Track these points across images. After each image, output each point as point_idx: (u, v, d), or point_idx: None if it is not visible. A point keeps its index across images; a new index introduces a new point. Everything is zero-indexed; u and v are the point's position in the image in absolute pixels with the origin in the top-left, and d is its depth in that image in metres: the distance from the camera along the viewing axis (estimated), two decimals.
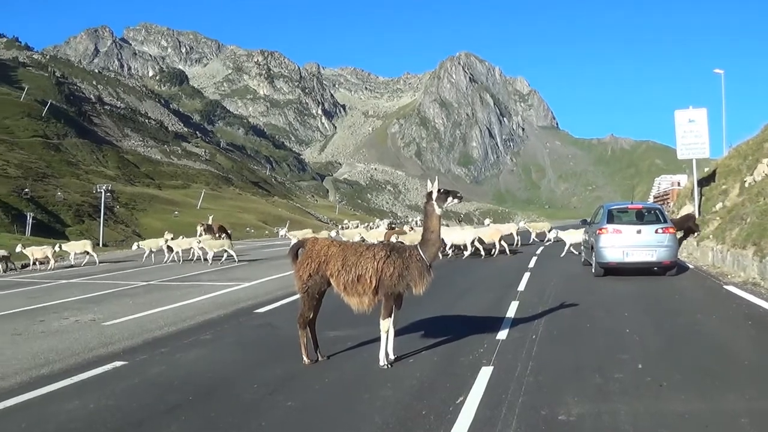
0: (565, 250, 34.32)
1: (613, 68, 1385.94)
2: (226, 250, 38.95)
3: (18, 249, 42.36)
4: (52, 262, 41.06)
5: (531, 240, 46.89)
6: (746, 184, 32.94)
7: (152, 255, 42.71)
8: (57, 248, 42.67)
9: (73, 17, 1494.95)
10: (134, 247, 45.60)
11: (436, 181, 10.69)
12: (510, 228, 43.79)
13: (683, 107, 38.97)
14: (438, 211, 10.47)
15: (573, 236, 35.07)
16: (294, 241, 42.97)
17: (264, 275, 27.88)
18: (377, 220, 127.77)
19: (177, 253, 40.84)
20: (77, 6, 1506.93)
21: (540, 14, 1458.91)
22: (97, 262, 42.61)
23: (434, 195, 10.48)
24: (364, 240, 41.37)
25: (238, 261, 38.10)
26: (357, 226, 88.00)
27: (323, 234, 42.76)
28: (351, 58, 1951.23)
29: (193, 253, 40.11)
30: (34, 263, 41.48)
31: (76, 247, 43.89)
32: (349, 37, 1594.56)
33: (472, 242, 34.71)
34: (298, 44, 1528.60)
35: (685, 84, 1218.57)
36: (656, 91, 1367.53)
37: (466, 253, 34.10)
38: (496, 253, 34.50)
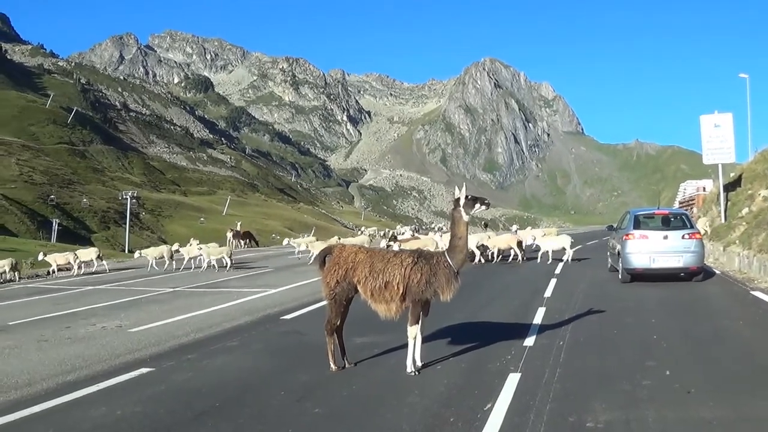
0: (539, 256, 34.02)
1: (638, 73, 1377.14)
2: (223, 258, 39.06)
3: (40, 257, 42.47)
4: (75, 268, 41.14)
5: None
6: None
7: (154, 263, 42.41)
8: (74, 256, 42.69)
9: (98, 25, 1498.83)
10: (136, 255, 45.24)
11: (464, 188, 10.68)
12: (536, 234, 42.88)
13: (709, 112, 38.88)
14: (465, 217, 10.44)
15: (551, 242, 34.79)
16: (297, 248, 43.11)
17: (290, 282, 27.81)
18: (398, 226, 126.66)
19: (190, 260, 40.88)
20: (102, 13, 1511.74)
21: (564, 19, 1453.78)
22: (106, 270, 42.47)
23: (462, 201, 10.47)
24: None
25: (265, 269, 38.11)
26: (374, 234, 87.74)
27: (332, 241, 42.68)
28: (376, 65, 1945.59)
29: (200, 260, 40.05)
30: (59, 269, 41.56)
31: (84, 255, 43.63)
32: (373, 43, 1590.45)
33: (478, 247, 34.71)
34: (323, 51, 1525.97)
35: (711, 88, 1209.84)
36: (682, 96, 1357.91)
37: (486, 260, 34.03)
38: (520, 260, 34.22)
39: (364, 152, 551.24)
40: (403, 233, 63.98)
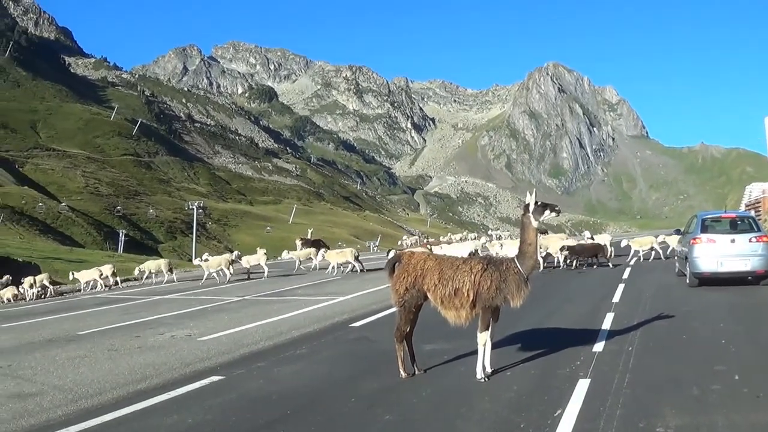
0: None
1: (702, 75, 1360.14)
2: (222, 269, 40.06)
3: (71, 277, 42.86)
4: (100, 283, 41.47)
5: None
6: None
7: (153, 276, 43.52)
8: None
9: (161, 37, 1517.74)
10: (136, 272, 45.40)
11: (534, 194, 10.71)
12: (604, 239, 41.12)
13: None
14: (535, 223, 10.46)
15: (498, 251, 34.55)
16: (298, 262, 43.36)
17: (358, 289, 27.85)
18: (449, 234, 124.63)
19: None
20: (164, 26, 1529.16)
21: (627, 23, 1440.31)
22: (111, 286, 42.63)
23: (531, 207, 10.49)
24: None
25: (333, 276, 37.92)
26: (412, 244, 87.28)
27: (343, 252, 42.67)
28: (439, 71, 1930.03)
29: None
30: (93, 286, 42.04)
31: (105, 270, 43.63)
32: (436, 50, 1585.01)
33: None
34: (386, 59, 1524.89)
35: None
36: (746, 98, 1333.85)
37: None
38: (563, 264, 34.10)
39: (429, 159, 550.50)
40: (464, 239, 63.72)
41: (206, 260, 42.17)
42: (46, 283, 40.73)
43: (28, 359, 15.30)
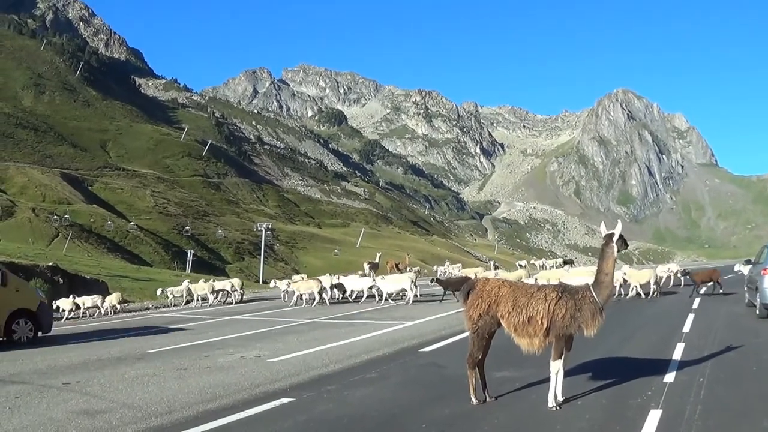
0: (382, 298, 35.08)
1: None
2: (206, 294, 43.68)
3: (73, 302, 41.60)
4: (104, 309, 41.60)
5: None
6: None
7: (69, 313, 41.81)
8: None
9: (231, 60, 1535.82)
10: (89, 303, 42.85)
11: (619, 224, 10.72)
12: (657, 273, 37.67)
13: None
14: (616, 254, 10.40)
15: (388, 284, 35.64)
16: (285, 290, 43.02)
17: (426, 314, 27.47)
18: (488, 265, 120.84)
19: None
20: (235, 49, 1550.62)
21: (697, 51, 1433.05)
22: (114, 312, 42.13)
23: (615, 237, 10.43)
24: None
25: (401, 301, 37.63)
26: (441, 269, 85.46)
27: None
28: (508, 97, 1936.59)
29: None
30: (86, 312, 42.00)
31: (113, 298, 43.27)
32: (506, 75, 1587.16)
33: (369, 288, 36.93)
34: (456, 83, 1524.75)
35: None
36: None
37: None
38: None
39: (498, 185, 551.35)
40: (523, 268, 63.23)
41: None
42: (67, 308, 40.39)
43: (97, 376, 15.43)
